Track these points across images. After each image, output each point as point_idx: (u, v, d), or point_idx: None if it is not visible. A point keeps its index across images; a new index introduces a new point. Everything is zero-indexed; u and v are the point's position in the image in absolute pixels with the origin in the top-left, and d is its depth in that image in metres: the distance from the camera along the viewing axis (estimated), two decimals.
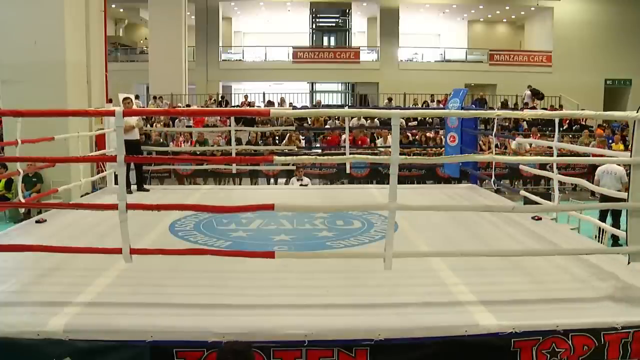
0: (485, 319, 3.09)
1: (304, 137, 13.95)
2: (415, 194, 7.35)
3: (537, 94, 18.29)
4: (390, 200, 3.40)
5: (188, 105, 18.29)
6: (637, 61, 22.47)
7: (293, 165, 8.87)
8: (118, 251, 3.41)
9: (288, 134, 12.84)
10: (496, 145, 10.85)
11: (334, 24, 27.33)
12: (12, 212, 9.36)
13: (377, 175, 11.44)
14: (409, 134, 13.52)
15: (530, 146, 12.58)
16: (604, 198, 6.63)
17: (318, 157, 5.39)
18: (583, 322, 3.05)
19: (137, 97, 18.22)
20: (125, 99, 7.52)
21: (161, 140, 13.16)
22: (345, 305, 3.33)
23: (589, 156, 5.95)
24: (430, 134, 13.67)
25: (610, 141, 13.45)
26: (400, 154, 3.56)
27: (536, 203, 5.64)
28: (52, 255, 3.76)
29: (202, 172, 11.63)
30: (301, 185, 8.82)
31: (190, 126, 14.88)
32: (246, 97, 21.01)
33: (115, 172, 7.07)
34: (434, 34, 27.33)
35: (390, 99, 19.17)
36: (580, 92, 20.39)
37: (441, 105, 16.88)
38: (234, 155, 8.33)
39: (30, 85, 9.16)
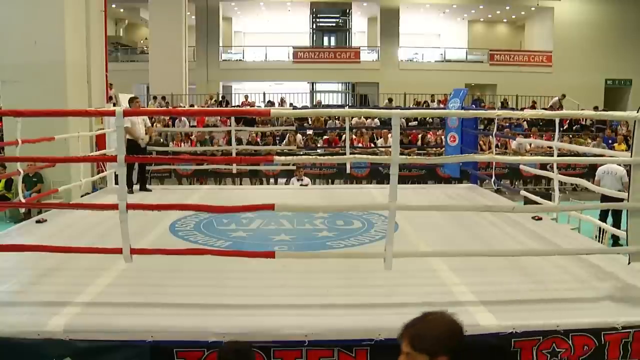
0: (485, 319, 3.09)
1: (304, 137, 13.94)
2: (415, 194, 7.34)
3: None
4: (391, 200, 3.40)
5: (192, 105, 18.31)
6: (637, 61, 22.47)
7: (293, 165, 8.87)
8: (118, 251, 3.40)
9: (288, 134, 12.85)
10: (496, 145, 10.84)
11: (334, 24, 27.35)
12: (12, 212, 9.36)
13: (377, 175, 11.43)
14: (410, 133, 13.53)
15: (530, 146, 12.58)
16: (605, 198, 6.63)
17: (318, 157, 5.38)
18: (583, 322, 3.05)
19: (163, 98, 18.47)
20: (132, 98, 7.59)
21: (161, 140, 13.15)
22: (345, 305, 3.32)
23: (590, 156, 5.95)
24: (429, 135, 13.66)
25: (611, 142, 13.45)
26: (401, 154, 3.55)
27: (536, 203, 5.64)
28: (52, 255, 3.75)
29: (202, 172, 11.63)
30: (301, 185, 8.81)
31: (193, 126, 14.88)
32: (246, 97, 21.02)
33: (115, 172, 7.07)
34: (434, 34, 27.33)
35: (390, 99, 19.17)
36: (580, 92, 20.38)
37: (441, 105, 16.87)
38: (234, 155, 8.34)
39: (30, 85, 9.14)
